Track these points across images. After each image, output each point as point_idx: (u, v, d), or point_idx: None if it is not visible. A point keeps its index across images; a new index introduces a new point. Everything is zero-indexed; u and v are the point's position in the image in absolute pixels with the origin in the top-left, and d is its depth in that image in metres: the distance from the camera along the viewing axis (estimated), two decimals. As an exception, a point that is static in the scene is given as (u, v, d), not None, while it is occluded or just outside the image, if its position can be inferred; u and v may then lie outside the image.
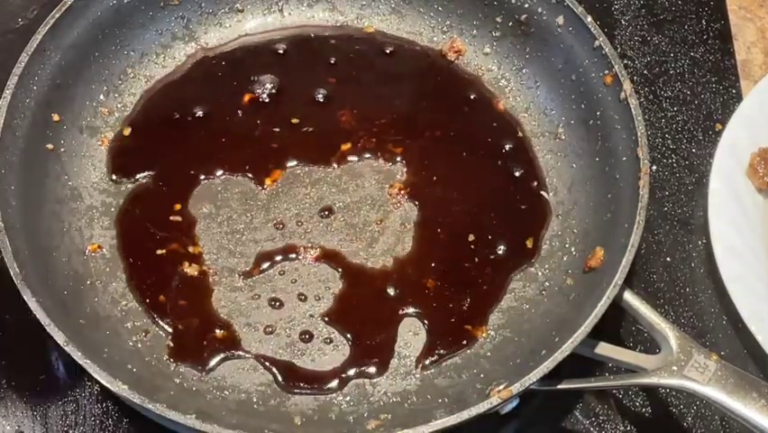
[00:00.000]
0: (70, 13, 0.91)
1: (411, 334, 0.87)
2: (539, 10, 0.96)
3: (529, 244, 0.91)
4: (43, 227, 0.87)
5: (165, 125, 0.96)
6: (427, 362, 0.86)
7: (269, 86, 0.98)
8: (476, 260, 0.90)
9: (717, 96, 1.07)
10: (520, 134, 0.97)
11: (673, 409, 0.90)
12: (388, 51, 1.01)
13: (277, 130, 0.96)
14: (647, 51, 1.09)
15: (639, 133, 0.86)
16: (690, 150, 1.03)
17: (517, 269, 0.90)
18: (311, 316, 0.88)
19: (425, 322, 0.88)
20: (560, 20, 0.94)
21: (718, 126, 1.04)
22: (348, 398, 0.84)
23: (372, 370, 0.86)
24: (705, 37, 1.10)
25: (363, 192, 0.94)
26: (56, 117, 0.91)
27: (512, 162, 0.95)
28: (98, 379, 0.77)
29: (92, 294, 0.87)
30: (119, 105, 0.97)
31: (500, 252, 0.91)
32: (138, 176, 0.93)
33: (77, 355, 0.76)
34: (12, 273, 0.78)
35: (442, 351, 0.86)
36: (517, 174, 0.95)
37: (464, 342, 0.87)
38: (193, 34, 1.00)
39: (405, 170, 0.95)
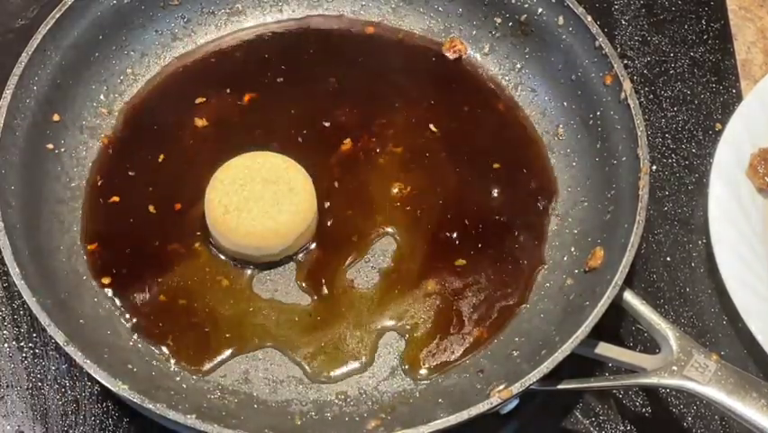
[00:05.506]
0: (70, 14, 0.91)
1: (412, 334, 0.87)
2: (539, 10, 0.96)
3: (530, 244, 0.91)
4: (43, 227, 0.87)
5: (165, 126, 0.96)
6: (431, 362, 0.86)
7: (268, 86, 0.98)
8: (477, 260, 0.90)
9: (717, 96, 1.06)
10: (520, 134, 0.97)
11: (673, 410, 0.90)
12: (387, 51, 1.01)
13: (277, 129, 0.96)
14: (647, 51, 1.09)
15: (639, 133, 0.86)
16: (690, 150, 1.03)
17: (518, 269, 0.90)
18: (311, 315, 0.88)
19: (426, 322, 0.87)
20: (560, 20, 0.94)
21: (718, 126, 1.04)
22: (348, 398, 0.84)
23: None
24: (705, 37, 1.10)
25: (363, 192, 0.94)
26: (56, 117, 0.91)
27: (512, 162, 0.95)
28: (98, 379, 0.77)
29: (92, 294, 0.87)
30: (119, 106, 0.97)
31: (501, 251, 0.91)
32: (138, 177, 0.93)
33: (78, 355, 0.76)
34: (12, 273, 0.78)
35: (444, 351, 0.86)
36: (517, 174, 0.95)
37: (465, 342, 0.87)
38: (193, 34, 1.00)
39: (405, 169, 0.95)
